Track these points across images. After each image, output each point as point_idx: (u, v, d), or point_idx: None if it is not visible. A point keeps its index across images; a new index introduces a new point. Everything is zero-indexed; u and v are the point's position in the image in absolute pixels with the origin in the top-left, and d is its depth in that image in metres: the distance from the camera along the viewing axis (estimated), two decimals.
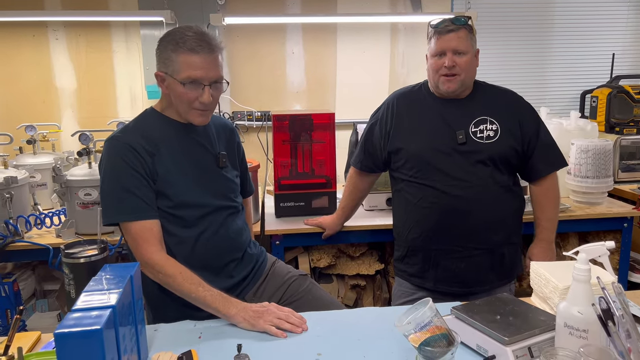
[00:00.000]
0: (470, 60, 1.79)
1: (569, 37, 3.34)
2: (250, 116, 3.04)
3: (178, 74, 1.47)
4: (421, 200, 1.84)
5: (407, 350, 1.20)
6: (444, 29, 1.78)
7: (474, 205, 1.78)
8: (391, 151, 1.91)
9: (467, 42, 1.78)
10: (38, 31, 2.89)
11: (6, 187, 2.14)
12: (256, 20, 2.92)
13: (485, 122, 1.81)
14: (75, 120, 3.00)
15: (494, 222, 1.81)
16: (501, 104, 1.86)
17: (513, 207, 1.87)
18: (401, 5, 3.08)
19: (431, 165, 1.80)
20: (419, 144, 1.84)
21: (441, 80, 1.80)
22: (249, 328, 1.35)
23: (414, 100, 1.93)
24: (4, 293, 2.21)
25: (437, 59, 1.80)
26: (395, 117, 1.92)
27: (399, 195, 1.95)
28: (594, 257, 1.08)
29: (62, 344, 0.88)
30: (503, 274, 1.87)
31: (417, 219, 1.86)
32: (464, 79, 1.79)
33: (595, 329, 1.03)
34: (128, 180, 1.46)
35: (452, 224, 1.80)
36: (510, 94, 1.91)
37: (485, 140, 1.79)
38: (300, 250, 2.48)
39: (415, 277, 1.90)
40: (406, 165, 1.87)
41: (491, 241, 1.82)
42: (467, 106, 1.84)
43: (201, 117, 1.54)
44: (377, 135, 1.96)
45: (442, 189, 1.79)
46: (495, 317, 1.21)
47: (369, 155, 2.02)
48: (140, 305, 1.19)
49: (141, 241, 1.45)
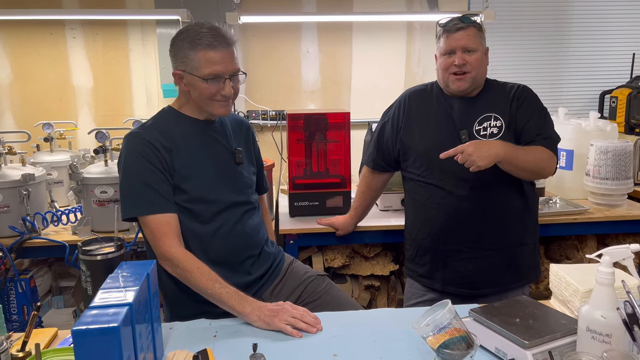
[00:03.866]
0: (480, 58, 1.77)
1: (587, 36, 3.29)
2: (264, 115, 3.04)
3: (199, 71, 1.50)
4: (428, 201, 1.83)
5: (424, 352, 1.19)
6: (452, 27, 1.76)
7: (481, 205, 1.76)
8: (401, 149, 1.91)
9: (476, 39, 1.76)
10: (56, 30, 2.91)
11: (24, 184, 2.16)
12: (272, 19, 2.92)
13: (490, 119, 1.79)
14: (91, 118, 3.02)
15: (503, 222, 1.78)
16: (507, 100, 1.82)
17: (524, 206, 1.83)
18: (417, 4, 3.06)
19: (437, 165, 1.77)
20: (426, 142, 1.83)
21: (451, 79, 1.78)
22: (264, 327, 1.35)
23: (424, 98, 1.91)
24: (21, 289, 2.23)
25: (446, 57, 1.78)
26: (405, 115, 1.91)
27: (408, 195, 1.96)
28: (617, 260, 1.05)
29: (80, 341, 0.88)
30: (515, 275, 1.83)
31: (424, 219, 1.86)
32: (475, 77, 1.77)
33: (619, 334, 1.01)
34: (146, 175, 1.48)
35: (459, 224, 1.78)
36: (518, 87, 1.84)
37: (489, 137, 1.77)
38: (315, 250, 2.47)
39: (424, 277, 1.89)
40: (414, 164, 1.87)
41: (501, 242, 1.79)
42: (475, 104, 1.82)
43: (223, 108, 1.57)
44: (389, 133, 1.96)
45: (448, 189, 1.78)
46: (514, 320, 1.19)
47: (381, 154, 2.01)
48: (156, 303, 1.19)
49: (159, 235, 1.46)
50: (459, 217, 1.77)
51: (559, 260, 2.55)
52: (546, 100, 1.89)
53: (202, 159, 1.58)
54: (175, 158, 1.52)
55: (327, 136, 2.47)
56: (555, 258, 2.59)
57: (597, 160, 2.45)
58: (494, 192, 1.76)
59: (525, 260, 1.84)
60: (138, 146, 1.50)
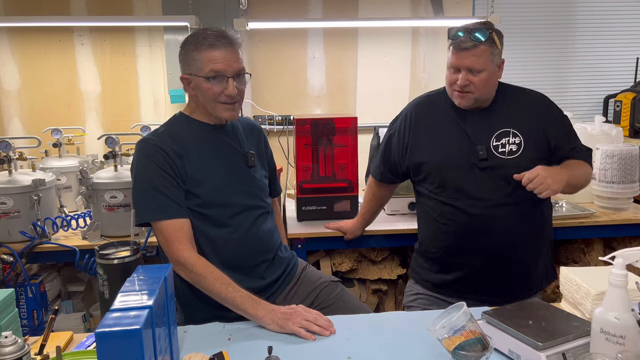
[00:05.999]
0: (486, 78, 1.67)
1: (592, 40, 3.31)
2: (271, 120, 3.06)
3: (201, 71, 1.51)
4: (440, 217, 1.78)
5: (438, 354, 1.20)
6: (459, 45, 1.66)
7: (495, 224, 1.70)
8: (411, 165, 1.85)
9: (484, 59, 1.66)
10: (64, 36, 2.94)
11: (34, 189, 2.17)
12: (279, 25, 2.94)
13: (508, 135, 1.72)
14: (99, 124, 3.04)
15: (518, 241, 1.73)
16: (524, 112, 1.75)
17: (540, 222, 1.79)
18: (422, 9, 3.08)
19: (450, 182, 1.73)
20: (439, 158, 1.76)
21: (454, 94, 1.73)
22: (277, 330, 1.36)
23: (433, 109, 1.84)
24: (31, 294, 2.24)
25: (452, 72, 1.71)
26: (413, 129, 1.84)
27: (420, 206, 1.91)
28: (630, 262, 1.07)
29: (103, 343, 0.89)
30: (528, 286, 1.79)
31: (436, 234, 1.81)
32: (478, 97, 1.71)
33: (632, 335, 1.02)
34: (158, 180, 1.50)
35: (471, 243, 1.73)
36: (534, 97, 1.80)
37: (508, 155, 1.70)
38: (322, 254, 2.48)
39: (430, 283, 1.86)
40: (427, 179, 1.81)
41: (515, 259, 1.74)
42: (489, 117, 1.75)
43: (229, 112, 1.57)
44: (396, 148, 1.90)
45: (461, 208, 1.72)
46: (527, 322, 1.20)
47: (388, 167, 1.96)
48: (172, 306, 1.21)
49: (172, 240, 1.48)
50: (471, 235, 1.73)
51: (566, 264, 2.56)
52: None
53: (213, 163, 1.59)
54: (187, 163, 1.54)
55: (334, 141, 2.48)
56: (562, 261, 2.60)
57: (603, 164, 2.46)
58: (509, 209, 1.70)
59: (539, 271, 1.81)
60: (149, 152, 1.52)
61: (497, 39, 1.70)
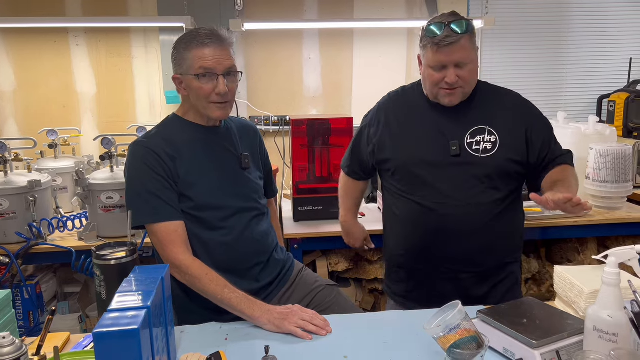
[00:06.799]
0: (474, 69, 1.59)
1: (585, 41, 3.34)
2: (267, 121, 3.06)
3: (192, 69, 1.50)
4: (406, 216, 1.69)
5: (433, 353, 1.21)
6: (443, 42, 1.52)
7: (464, 225, 1.60)
8: (379, 161, 1.75)
9: (470, 49, 1.55)
10: (59, 37, 2.94)
11: (30, 190, 2.17)
12: (274, 26, 2.95)
13: (483, 133, 1.62)
14: (94, 125, 3.04)
15: (488, 244, 1.63)
16: (503, 111, 1.66)
17: (512, 227, 1.69)
18: (417, 10, 3.09)
19: (419, 179, 1.64)
20: (408, 154, 1.66)
21: (441, 93, 1.60)
22: (274, 330, 1.36)
23: (405, 104, 1.75)
24: (27, 295, 2.24)
25: (435, 71, 1.57)
26: (384, 123, 1.74)
27: (386, 208, 1.81)
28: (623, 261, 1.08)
29: (101, 344, 0.90)
30: (497, 297, 1.65)
31: (402, 235, 1.72)
32: (468, 90, 1.62)
33: (625, 333, 1.03)
34: (151, 183, 1.49)
35: (438, 244, 1.64)
36: (514, 97, 1.71)
37: (482, 153, 1.61)
38: (319, 254, 2.49)
39: (399, 296, 1.77)
40: (394, 177, 1.71)
41: (484, 264, 1.64)
42: (464, 113, 1.64)
43: (220, 111, 1.55)
44: (365, 141, 1.81)
45: (428, 206, 1.63)
46: (522, 320, 1.21)
47: (356, 161, 1.88)
48: (169, 307, 1.21)
49: (167, 243, 1.48)
50: (438, 236, 1.63)
51: (560, 263, 2.58)
52: (545, 105, 1.90)
53: (207, 165, 1.57)
54: (180, 165, 1.53)
55: (330, 141, 2.49)
56: (556, 260, 2.62)
57: (596, 163, 2.48)
58: (480, 210, 1.61)
59: (511, 280, 1.71)
60: (141, 155, 1.51)
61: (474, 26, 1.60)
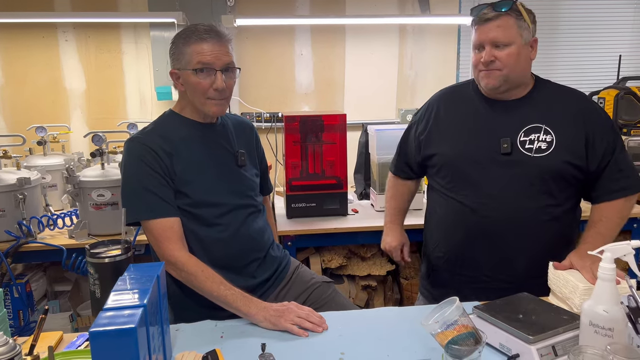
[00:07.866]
0: (516, 53, 1.49)
1: (574, 38, 3.35)
2: (259, 117, 3.05)
3: (190, 64, 1.50)
4: (447, 216, 1.63)
5: (430, 349, 1.21)
6: (482, 17, 1.49)
7: (508, 230, 1.52)
8: (425, 157, 1.70)
9: (510, 31, 1.47)
10: (48, 32, 2.89)
11: (19, 188, 2.14)
12: (266, 22, 2.93)
13: (539, 131, 1.52)
14: (84, 122, 3.01)
15: (533, 253, 1.52)
16: (563, 111, 1.55)
17: (562, 242, 1.57)
18: (409, 6, 3.09)
19: (464, 176, 1.57)
20: (454, 149, 1.60)
21: (480, 75, 1.54)
22: (270, 327, 1.36)
23: (457, 99, 1.68)
24: (17, 294, 2.22)
25: (476, 52, 1.53)
26: (433, 119, 1.68)
27: (430, 206, 1.75)
28: (618, 256, 1.09)
29: (97, 342, 0.89)
30: None
31: (442, 236, 1.66)
32: (508, 74, 1.50)
33: (621, 328, 1.04)
34: (147, 179, 1.48)
35: (479, 248, 1.56)
36: (578, 97, 1.59)
37: (535, 152, 1.50)
38: (312, 251, 2.49)
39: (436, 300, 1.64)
40: (439, 173, 1.65)
41: (527, 275, 1.52)
42: (520, 109, 1.55)
43: (217, 107, 1.55)
44: (412, 138, 1.77)
45: (470, 206, 1.55)
46: (517, 316, 1.21)
47: (403, 158, 1.84)
48: (165, 305, 1.20)
49: (162, 239, 1.47)
50: (479, 240, 1.55)
51: None
52: None
53: (203, 162, 1.57)
54: (176, 162, 1.52)
55: (322, 138, 2.49)
56: None
57: None
58: (527, 215, 1.51)
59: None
60: (138, 151, 1.50)
61: (525, 12, 1.51)
